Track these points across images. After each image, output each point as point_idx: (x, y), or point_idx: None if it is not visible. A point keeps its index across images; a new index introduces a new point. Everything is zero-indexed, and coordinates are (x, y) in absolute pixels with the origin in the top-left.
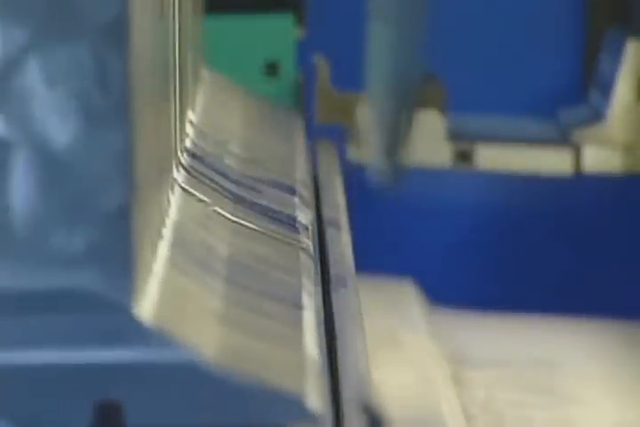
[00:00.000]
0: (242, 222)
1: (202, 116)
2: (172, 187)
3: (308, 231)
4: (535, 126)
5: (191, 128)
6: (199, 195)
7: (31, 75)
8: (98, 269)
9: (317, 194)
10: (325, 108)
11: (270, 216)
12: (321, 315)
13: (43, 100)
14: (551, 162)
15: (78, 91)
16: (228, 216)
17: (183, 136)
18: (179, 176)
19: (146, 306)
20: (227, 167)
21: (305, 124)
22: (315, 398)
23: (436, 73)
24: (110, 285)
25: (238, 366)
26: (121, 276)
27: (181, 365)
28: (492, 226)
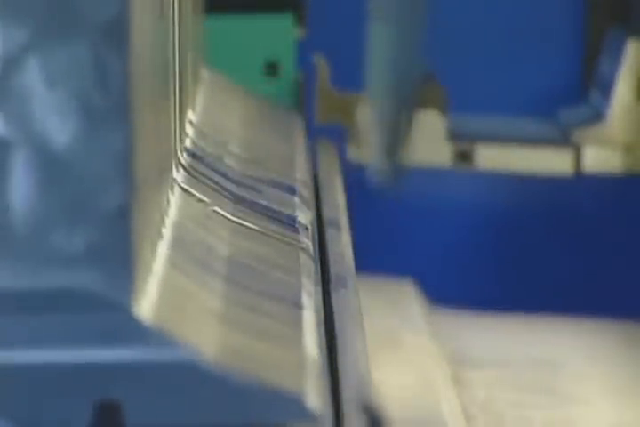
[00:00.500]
0: (242, 222)
1: (202, 116)
2: (172, 187)
3: (308, 231)
4: (535, 126)
5: (191, 128)
6: (199, 195)
7: (31, 74)
8: (98, 268)
9: (317, 194)
10: (325, 108)
11: (270, 216)
12: (321, 315)
13: (42, 99)
14: (551, 162)
15: (78, 91)
16: (228, 216)
17: (183, 136)
18: (179, 176)
19: (145, 306)
20: (227, 167)
21: (305, 124)
22: (315, 397)
23: (436, 73)
24: (110, 284)
25: (238, 365)
26: (121, 275)
27: (181, 364)
28: (492, 226)
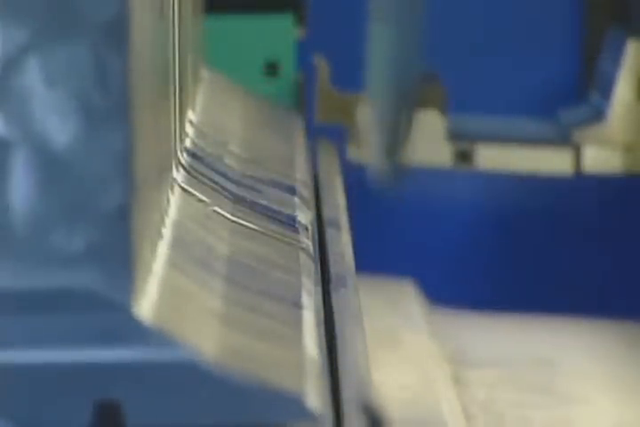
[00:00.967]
0: (242, 222)
1: (202, 116)
2: (172, 187)
3: (308, 231)
4: (535, 126)
5: (191, 128)
6: (199, 195)
7: (31, 74)
8: (98, 268)
9: (317, 194)
10: (325, 108)
11: (270, 216)
12: (321, 315)
13: (42, 99)
14: (551, 162)
15: (78, 91)
16: (228, 216)
17: (183, 136)
18: (178, 176)
19: (145, 305)
20: (227, 167)
21: (305, 124)
22: (315, 397)
23: (437, 73)
24: (110, 284)
25: (238, 365)
26: (121, 275)
27: (181, 364)
28: (492, 226)
